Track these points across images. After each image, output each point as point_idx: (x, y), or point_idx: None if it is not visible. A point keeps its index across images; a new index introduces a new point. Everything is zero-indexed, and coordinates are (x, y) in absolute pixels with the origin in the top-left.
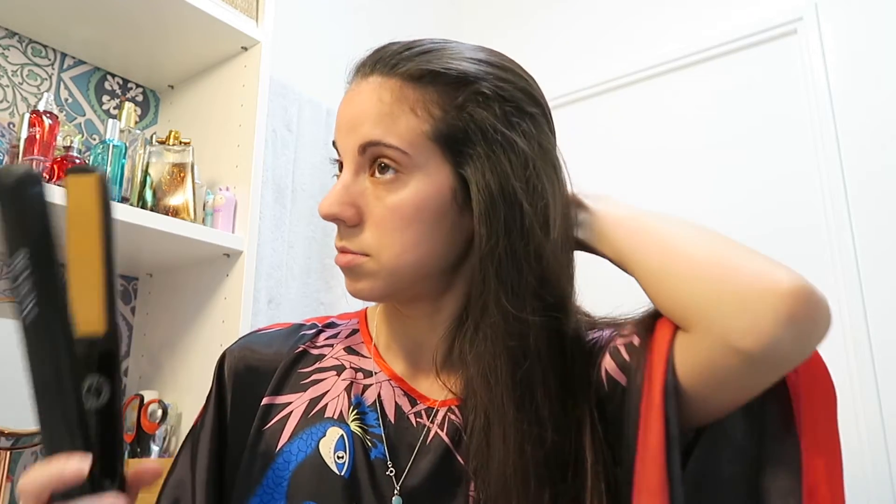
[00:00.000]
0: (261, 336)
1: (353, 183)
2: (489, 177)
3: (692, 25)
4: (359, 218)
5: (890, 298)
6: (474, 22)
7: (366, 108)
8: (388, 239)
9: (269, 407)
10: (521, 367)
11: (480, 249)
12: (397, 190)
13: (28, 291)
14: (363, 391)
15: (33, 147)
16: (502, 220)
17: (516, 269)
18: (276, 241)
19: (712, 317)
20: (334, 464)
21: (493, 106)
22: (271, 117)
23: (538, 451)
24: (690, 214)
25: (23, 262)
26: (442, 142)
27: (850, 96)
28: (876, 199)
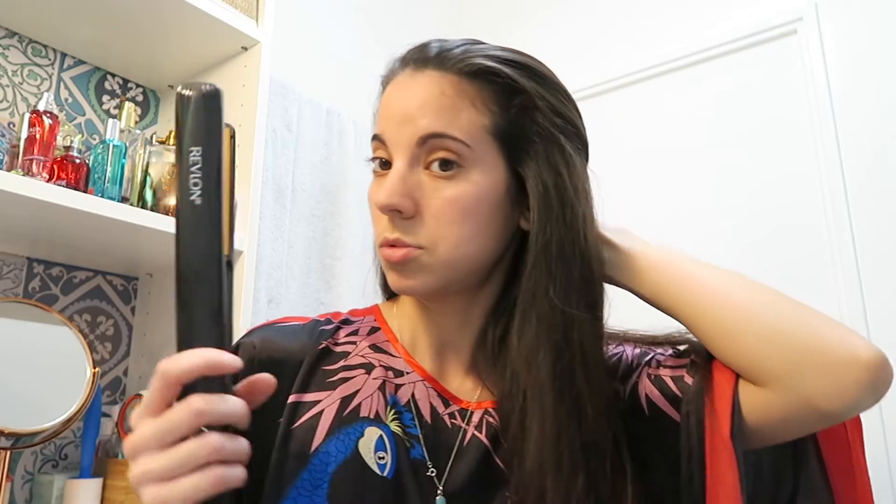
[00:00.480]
0: (280, 329)
1: (408, 174)
2: (545, 174)
3: (692, 25)
4: (415, 210)
5: (890, 298)
6: (474, 22)
7: (425, 100)
8: (445, 231)
9: (297, 405)
10: (562, 358)
11: (535, 243)
12: (457, 183)
13: (195, 183)
14: (396, 390)
15: (33, 147)
16: (555, 215)
17: (564, 264)
18: (276, 241)
19: (794, 380)
20: (375, 464)
21: (546, 109)
22: (271, 117)
23: (575, 439)
24: (689, 215)
25: (196, 156)
26: (500, 137)
27: (850, 96)
28: (876, 199)
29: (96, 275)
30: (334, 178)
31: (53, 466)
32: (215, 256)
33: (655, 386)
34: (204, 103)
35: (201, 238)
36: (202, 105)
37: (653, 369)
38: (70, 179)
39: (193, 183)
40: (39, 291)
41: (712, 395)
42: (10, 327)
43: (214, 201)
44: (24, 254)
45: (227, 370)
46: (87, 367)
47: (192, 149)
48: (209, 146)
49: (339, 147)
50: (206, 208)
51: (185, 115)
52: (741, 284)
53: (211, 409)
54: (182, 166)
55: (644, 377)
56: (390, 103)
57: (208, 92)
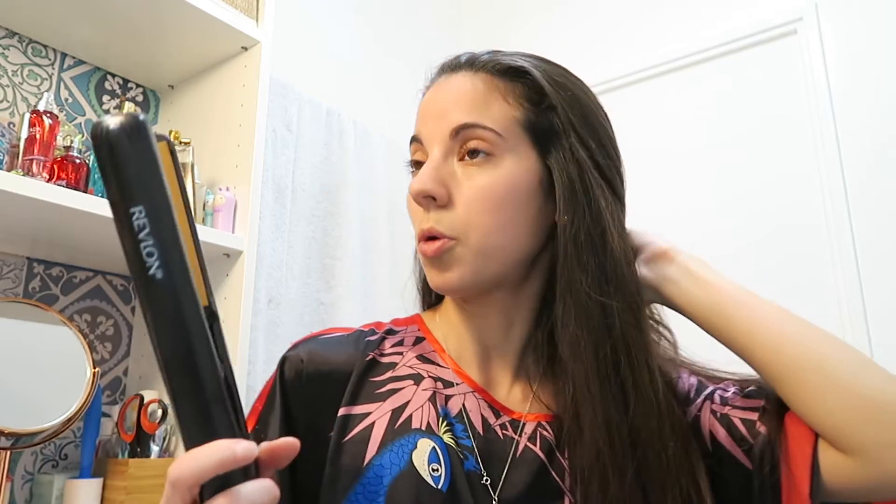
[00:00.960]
0: (326, 341)
1: (442, 164)
2: (571, 167)
3: (692, 26)
4: (448, 198)
5: (890, 298)
6: (474, 23)
7: (458, 95)
8: (478, 219)
9: (347, 418)
10: (604, 345)
11: (564, 233)
12: (489, 171)
13: (149, 253)
14: (446, 401)
15: (33, 147)
16: (581, 207)
17: (594, 255)
18: (276, 241)
19: (884, 455)
20: (430, 477)
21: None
22: (271, 117)
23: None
24: (690, 215)
25: (140, 219)
26: (531, 130)
27: (850, 96)
28: (876, 199)
29: (96, 275)
30: (334, 178)
31: (53, 466)
32: (197, 332)
33: (722, 424)
34: (129, 145)
35: (175, 317)
36: (128, 148)
37: (717, 406)
38: (70, 179)
39: (147, 253)
40: (39, 291)
41: (788, 451)
42: (10, 327)
43: (178, 266)
44: (24, 254)
45: (241, 464)
46: (87, 367)
47: (133, 210)
48: (153, 200)
49: (339, 147)
50: (169, 280)
51: (109, 166)
52: (823, 339)
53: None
54: (125, 234)
55: (707, 412)
56: (426, 106)
57: (130, 127)
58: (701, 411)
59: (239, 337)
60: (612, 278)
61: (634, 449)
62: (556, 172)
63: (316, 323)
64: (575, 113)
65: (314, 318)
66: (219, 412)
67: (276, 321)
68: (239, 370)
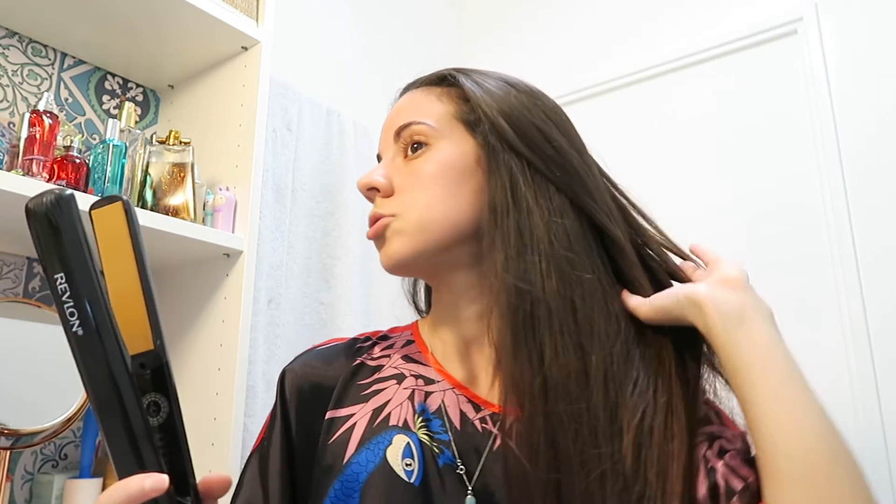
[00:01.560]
0: (321, 353)
1: (389, 163)
2: (489, 155)
3: (692, 26)
4: (391, 190)
5: (890, 298)
6: (474, 23)
7: (401, 108)
8: (413, 196)
9: (332, 420)
10: (524, 331)
11: (485, 209)
12: (426, 156)
13: (71, 313)
14: (426, 398)
15: (33, 147)
16: (504, 190)
17: (520, 237)
18: (276, 241)
19: None
20: (403, 471)
21: (504, 107)
22: (271, 117)
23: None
24: (690, 215)
25: (62, 284)
26: (465, 122)
27: (850, 96)
28: (876, 199)
29: None
30: (334, 178)
31: (53, 466)
32: (120, 379)
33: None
34: (48, 223)
35: (97, 367)
36: (47, 227)
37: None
38: (70, 179)
39: (70, 313)
40: (39, 291)
41: None
42: (10, 327)
43: (99, 324)
44: (24, 254)
45: (150, 496)
46: None
47: (55, 277)
48: (73, 268)
49: (339, 147)
50: (89, 336)
51: (36, 239)
52: (842, 469)
53: None
54: (54, 295)
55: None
56: (385, 121)
57: (52, 205)
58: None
59: (239, 337)
60: (532, 266)
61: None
62: (482, 157)
63: (316, 323)
64: (503, 112)
65: (314, 318)
66: (133, 453)
67: (276, 321)
68: (239, 370)
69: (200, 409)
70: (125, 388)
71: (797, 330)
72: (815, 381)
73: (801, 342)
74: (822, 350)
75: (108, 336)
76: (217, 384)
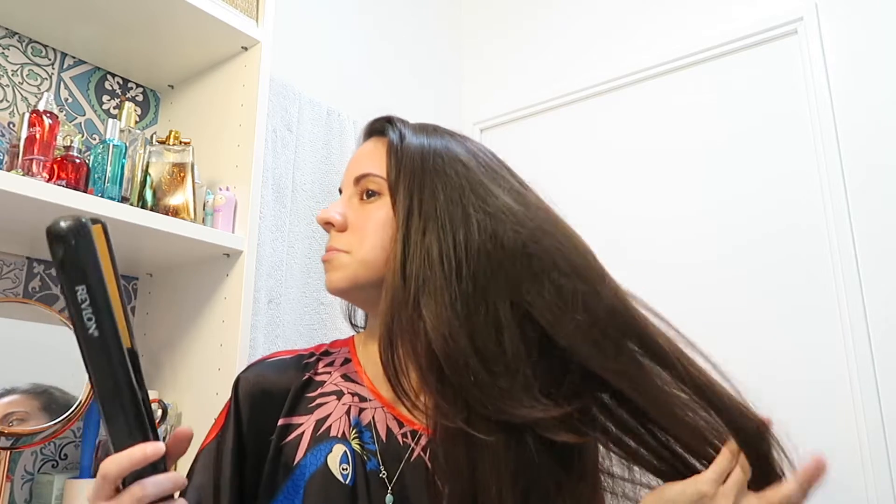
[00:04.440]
0: (270, 364)
1: (347, 202)
2: (401, 211)
3: (692, 26)
4: (345, 226)
5: (890, 298)
6: (475, 22)
7: (364, 154)
8: (363, 238)
9: (286, 427)
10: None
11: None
12: (377, 205)
13: (88, 318)
14: (360, 413)
15: (33, 147)
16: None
17: (402, 280)
18: (276, 241)
19: None
20: (339, 474)
21: (417, 168)
22: (271, 117)
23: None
24: (691, 214)
25: (83, 294)
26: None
27: (850, 96)
28: (876, 199)
29: None
30: (334, 178)
31: (53, 466)
32: (123, 372)
33: None
34: (76, 243)
35: (109, 362)
36: (75, 244)
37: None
38: (70, 179)
39: (87, 318)
40: (39, 291)
41: None
42: (10, 327)
43: (109, 327)
44: (24, 254)
45: (150, 461)
46: None
47: (77, 288)
48: (93, 282)
49: (339, 147)
50: (103, 337)
51: (61, 256)
52: None
53: (145, 493)
54: (72, 303)
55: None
56: (349, 162)
57: (76, 229)
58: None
59: (239, 337)
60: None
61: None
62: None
63: (316, 323)
64: (413, 173)
65: (314, 318)
66: (138, 429)
67: (276, 321)
68: (239, 370)
69: (200, 408)
70: (129, 379)
71: (797, 330)
72: (816, 381)
73: (801, 342)
74: (822, 350)
75: (117, 336)
76: (217, 384)
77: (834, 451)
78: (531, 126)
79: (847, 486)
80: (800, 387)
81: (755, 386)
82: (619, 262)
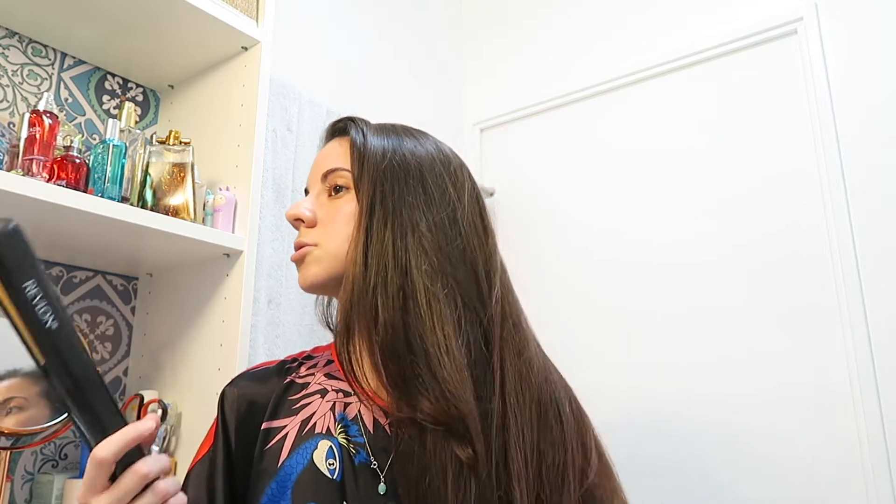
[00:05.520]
0: (254, 374)
1: (315, 199)
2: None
3: (692, 26)
4: (315, 222)
5: (890, 298)
6: (475, 22)
7: (329, 152)
8: (333, 230)
9: (268, 430)
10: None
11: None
12: (345, 199)
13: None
14: (345, 408)
15: (33, 147)
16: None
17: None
18: (276, 241)
19: None
20: (326, 470)
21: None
22: (271, 117)
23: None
24: (691, 215)
25: (34, 288)
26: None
27: (850, 96)
28: (876, 199)
29: (96, 275)
30: None
31: (53, 466)
32: (87, 358)
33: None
34: (14, 241)
35: (73, 350)
36: (14, 242)
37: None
38: (70, 179)
39: (43, 312)
40: None
41: None
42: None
43: (64, 314)
44: None
45: (146, 435)
46: None
47: (27, 284)
48: (39, 274)
49: None
50: (62, 327)
51: (4, 257)
52: None
53: (150, 470)
54: (21, 303)
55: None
56: (314, 162)
57: (11, 230)
58: None
59: (239, 337)
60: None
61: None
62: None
63: (316, 323)
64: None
65: (314, 318)
66: (116, 412)
67: (276, 321)
68: (239, 370)
69: (200, 408)
70: (93, 364)
71: (797, 330)
72: (816, 382)
73: (801, 342)
74: (822, 350)
75: (71, 321)
76: (217, 384)
77: (834, 452)
78: (531, 126)
79: (847, 486)
80: (800, 387)
81: (755, 386)
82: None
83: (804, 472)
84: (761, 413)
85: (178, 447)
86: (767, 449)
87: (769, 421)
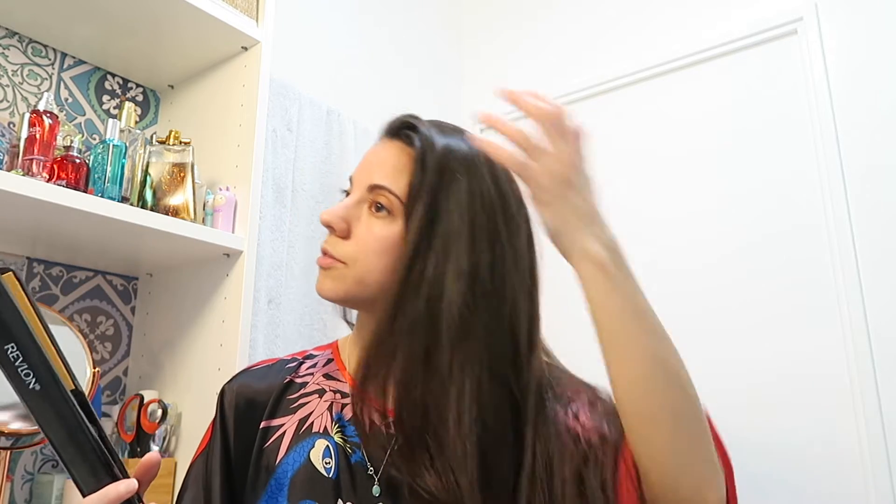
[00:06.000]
0: (253, 373)
1: (354, 207)
2: (412, 236)
3: (692, 26)
4: (347, 233)
5: (890, 298)
6: (475, 22)
7: (385, 160)
8: (366, 256)
9: (267, 429)
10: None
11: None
12: (385, 224)
13: (26, 374)
14: (342, 409)
15: (33, 147)
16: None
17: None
18: (276, 241)
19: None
20: (323, 468)
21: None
22: (271, 117)
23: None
24: (690, 214)
25: (14, 352)
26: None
27: (850, 96)
28: (876, 199)
29: (96, 275)
30: (334, 178)
31: (53, 466)
32: (72, 416)
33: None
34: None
35: (57, 412)
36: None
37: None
38: (70, 179)
39: (25, 374)
40: (39, 291)
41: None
42: None
43: (48, 376)
44: (24, 254)
45: (125, 498)
46: (87, 367)
47: (6, 347)
48: (20, 336)
49: (339, 147)
50: (45, 389)
51: None
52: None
53: None
54: (5, 363)
55: (560, 418)
56: (366, 157)
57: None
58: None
59: (239, 337)
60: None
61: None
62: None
63: (316, 323)
64: (428, 207)
65: (314, 318)
66: (101, 465)
67: (276, 321)
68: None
69: (200, 408)
70: (78, 421)
71: (797, 330)
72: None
73: (802, 342)
74: (823, 350)
75: (58, 384)
76: (217, 384)
77: (834, 451)
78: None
79: (847, 485)
80: (800, 387)
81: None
82: None
83: (804, 472)
84: (761, 413)
85: (178, 447)
86: (767, 448)
87: (769, 420)
